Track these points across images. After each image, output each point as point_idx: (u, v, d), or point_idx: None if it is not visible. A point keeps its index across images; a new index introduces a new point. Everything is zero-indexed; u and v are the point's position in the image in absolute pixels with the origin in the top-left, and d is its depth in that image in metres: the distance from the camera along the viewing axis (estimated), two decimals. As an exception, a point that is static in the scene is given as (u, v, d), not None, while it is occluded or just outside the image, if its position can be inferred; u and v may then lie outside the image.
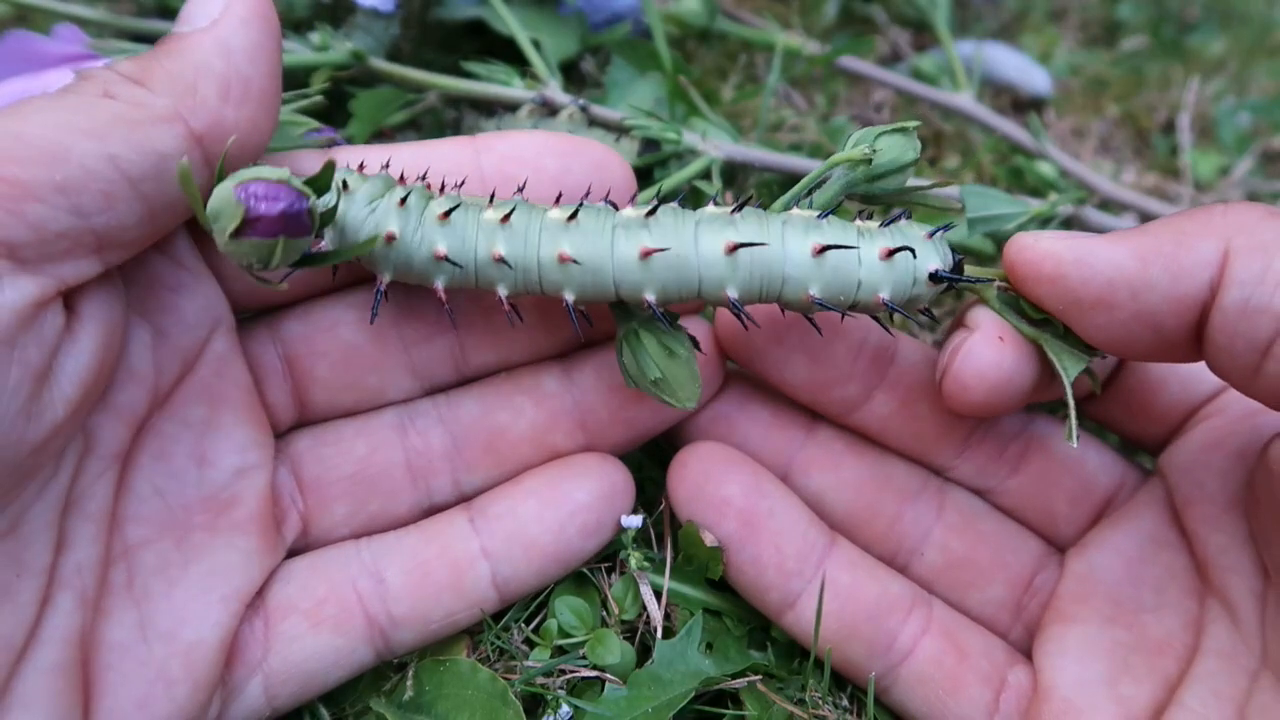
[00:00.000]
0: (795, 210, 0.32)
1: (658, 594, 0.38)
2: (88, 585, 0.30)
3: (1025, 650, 0.37)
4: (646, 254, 0.31)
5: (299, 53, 0.44)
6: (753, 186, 0.55)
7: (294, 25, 0.57)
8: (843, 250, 0.31)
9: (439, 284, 0.32)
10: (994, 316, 0.34)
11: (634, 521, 0.38)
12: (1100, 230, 0.50)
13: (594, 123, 0.47)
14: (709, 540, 0.36)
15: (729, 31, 0.61)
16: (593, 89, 0.57)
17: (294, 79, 0.40)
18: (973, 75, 0.58)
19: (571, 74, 0.57)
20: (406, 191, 0.32)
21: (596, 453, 0.38)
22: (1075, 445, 0.32)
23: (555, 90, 0.46)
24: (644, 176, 0.47)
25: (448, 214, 0.31)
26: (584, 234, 0.31)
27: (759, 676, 0.37)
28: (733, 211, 0.32)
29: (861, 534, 0.39)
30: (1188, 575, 0.35)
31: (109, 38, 0.42)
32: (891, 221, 0.32)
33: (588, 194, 0.33)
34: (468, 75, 0.47)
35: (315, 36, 0.44)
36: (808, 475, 0.39)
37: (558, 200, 0.34)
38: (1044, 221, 0.49)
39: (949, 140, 0.64)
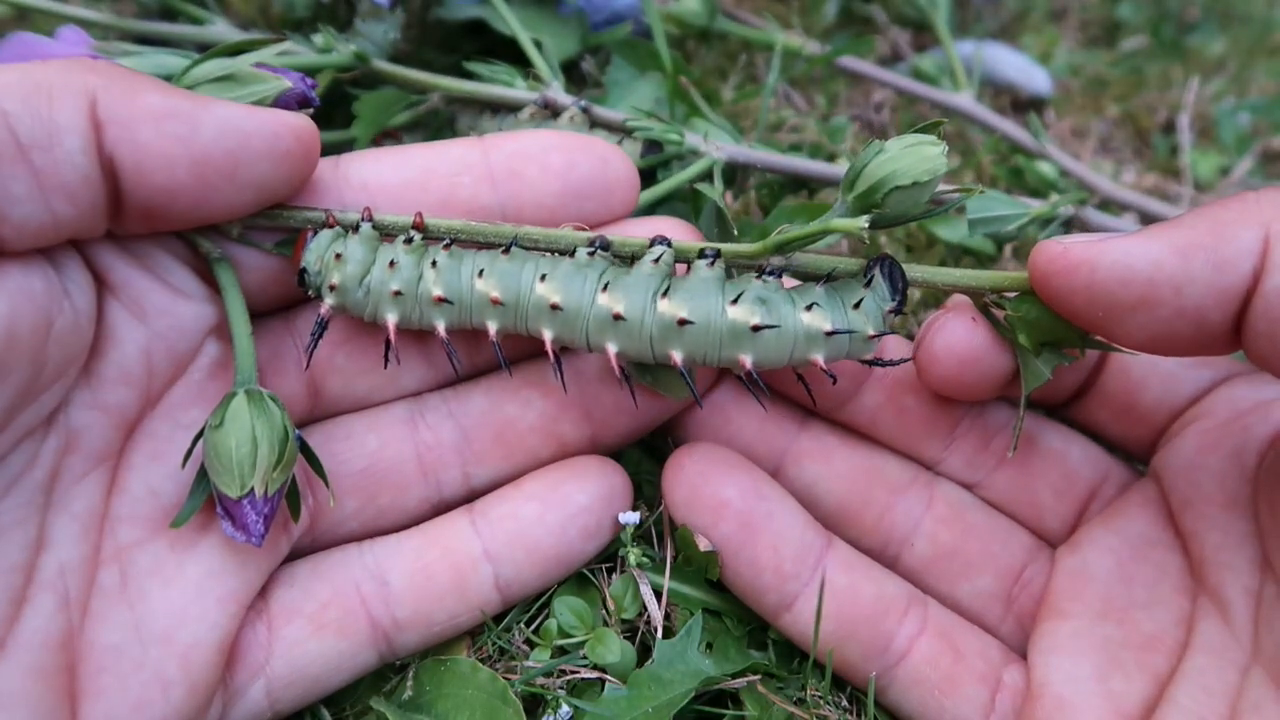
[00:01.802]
0: (731, 311, 0.33)
1: (658, 594, 0.38)
2: (73, 587, 0.30)
3: (1019, 646, 0.38)
4: (614, 357, 0.34)
5: (302, 55, 0.44)
6: (754, 187, 0.55)
7: (295, 25, 0.57)
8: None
9: (440, 336, 0.35)
10: (971, 303, 0.35)
11: (631, 518, 0.38)
12: (1102, 230, 0.51)
13: (596, 124, 0.47)
14: (703, 545, 0.37)
15: (729, 31, 0.61)
16: (593, 89, 0.57)
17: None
18: (973, 75, 0.58)
19: (572, 74, 0.57)
20: (401, 282, 0.34)
21: (596, 455, 0.39)
22: (1011, 456, 0.36)
23: (558, 91, 0.47)
24: (647, 177, 0.47)
25: (442, 299, 0.34)
26: (565, 322, 0.34)
27: (759, 676, 0.37)
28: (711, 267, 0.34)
29: (853, 525, 0.39)
30: (1180, 573, 0.35)
31: (113, 39, 0.42)
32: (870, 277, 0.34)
33: (574, 251, 0.35)
34: (469, 76, 0.48)
35: (319, 38, 0.44)
36: (800, 467, 0.39)
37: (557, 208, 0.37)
38: (1045, 223, 0.49)
39: (949, 140, 0.64)
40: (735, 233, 0.39)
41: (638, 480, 0.41)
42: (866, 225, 0.31)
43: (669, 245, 0.34)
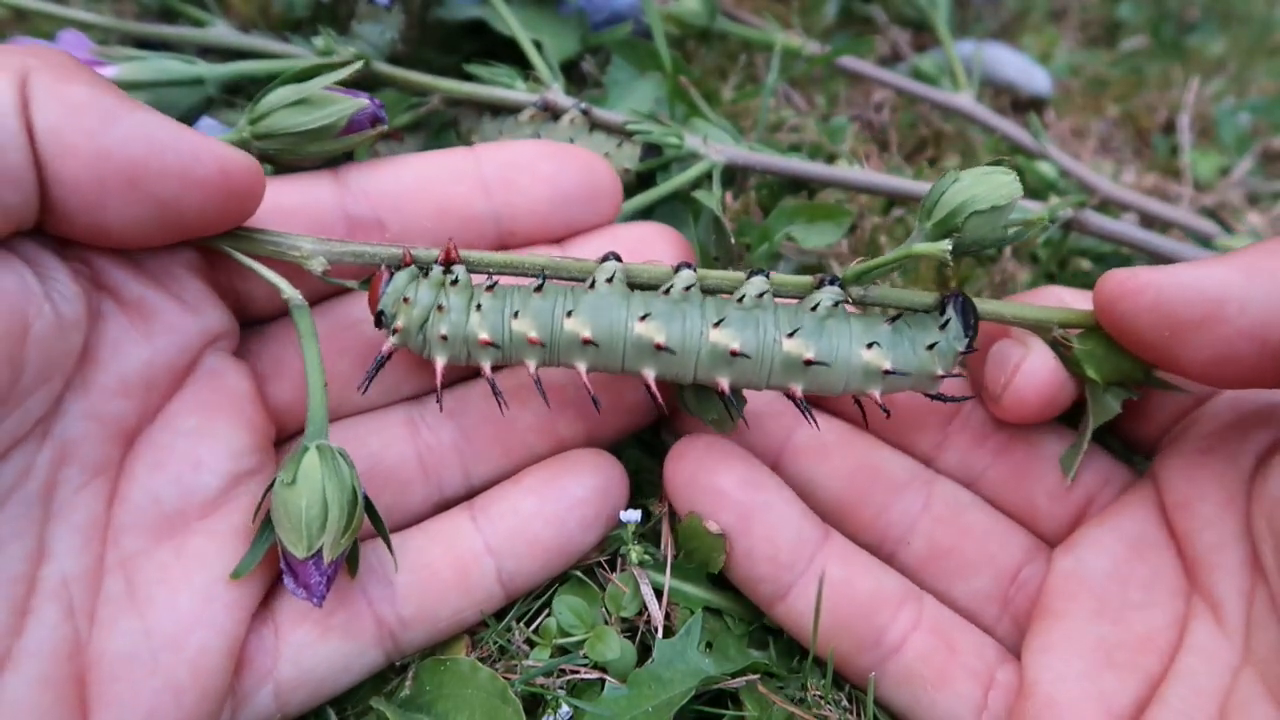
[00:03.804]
0: (786, 344, 0.34)
1: (658, 592, 0.38)
2: (77, 597, 0.30)
3: (1015, 646, 0.38)
4: (652, 382, 0.35)
5: (303, 57, 0.44)
6: (754, 187, 0.55)
7: (294, 26, 0.57)
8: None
9: (486, 375, 0.35)
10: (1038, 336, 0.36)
11: (633, 516, 0.39)
12: (1101, 232, 0.51)
13: (595, 126, 0.47)
14: (712, 528, 0.37)
15: (729, 31, 0.61)
16: (593, 89, 0.58)
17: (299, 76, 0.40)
18: (973, 75, 0.58)
19: (572, 73, 0.57)
20: (449, 326, 0.34)
21: (592, 449, 0.39)
22: (1068, 484, 0.38)
23: (557, 93, 0.47)
24: (646, 180, 0.47)
25: (488, 342, 0.34)
26: (601, 355, 0.34)
27: (759, 676, 0.37)
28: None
29: (849, 522, 0.39)
30: (1174, 575, 0.35)
31: (113, 43, 0.42)
32: (945, 318, 0.35)
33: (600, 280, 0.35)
34: (469, 77, 0.48)
35: (319, 41, 0.44)
36: (797, 463, 0.40)
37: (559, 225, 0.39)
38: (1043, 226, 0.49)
39: (949, 140, 0.64)
40: (732, 240, 0.39)
41: (637, 479, 0.41)
42: (949, 248, 0.32)
43: (766, 276, 0.35)
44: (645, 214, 0.45)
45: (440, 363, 0.34)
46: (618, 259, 0.35)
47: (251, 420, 0.34)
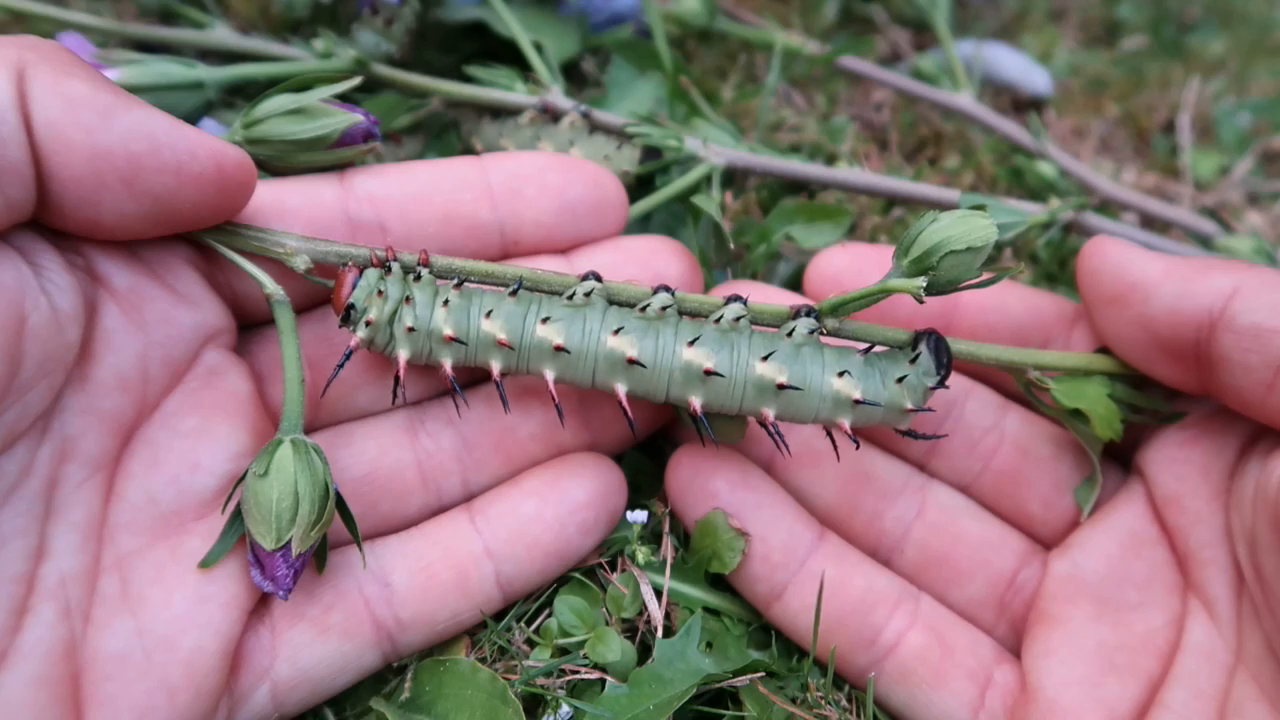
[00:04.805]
0: (759, 367, 0.34)
1: (658, 593, 0.38)
2: (74, 596, 0.30)
3: (1013, 648, 0.38)
4: (623, 397, 0.35)
5: (303, 60, 0.44)
6: (753, 187, 0.55)
7: (294, 26, 0.57)
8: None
9: (446, 373, 0.35)
10: None
11: (639, 516, 0.39)
12: (1101, 232, 0.51)
13: (595, 128, 0.47)
14: (735, 524, 0.38)
15: (729, 31, 0.61)
16: (593, 89, 0.58)
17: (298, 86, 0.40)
18: (973, 75, 0.58)
19: (572, 74, 0.58)
20: (414, 319, 0.34)
21: (592, 453, 0.39)
22: (1084, 518, 0.38)
23: (557, 95, 0.47)
24: (646, 183, 0.47)
25: (453, 338, 0.34)
26: (570, 364, 0.35)
27: (759, 675, 0.37)
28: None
29: (843, 530, 0.40)
30: (1170, 571, 0.35)
31: (113, 46, 0.42)
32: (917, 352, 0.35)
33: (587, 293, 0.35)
34: (469, 79, 0.48)
35: (319, 43, 0.44)
36: (789, 472, 0.40)
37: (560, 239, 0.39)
38: (1044, 228, 0.49)
39: (949, 140, 0.64)
40: (731, 246, 0.39)
41: (635, 483, 0.41)
42: (924, 285, 0.33)
43: (743, 302, 0.35)
44: (645, 218, 0.45)
45: (403, 357, 0.34)
46: (598, 279, 0.35)
47: (251, 421, 0.34)
